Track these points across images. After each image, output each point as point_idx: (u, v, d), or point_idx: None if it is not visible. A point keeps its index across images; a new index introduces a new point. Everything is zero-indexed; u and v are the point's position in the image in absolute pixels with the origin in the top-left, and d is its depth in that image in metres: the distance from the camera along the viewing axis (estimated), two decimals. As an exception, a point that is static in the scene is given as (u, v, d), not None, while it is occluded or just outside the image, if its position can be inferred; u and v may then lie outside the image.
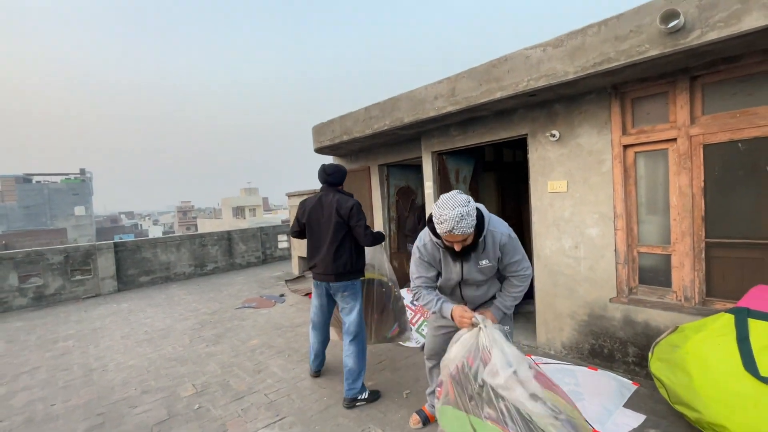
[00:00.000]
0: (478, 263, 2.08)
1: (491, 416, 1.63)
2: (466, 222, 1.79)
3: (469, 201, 1.86)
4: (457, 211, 1.78)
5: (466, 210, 1.79)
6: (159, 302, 6.62)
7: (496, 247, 2.05)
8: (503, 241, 2.04)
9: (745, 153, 2.62)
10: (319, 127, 5.77)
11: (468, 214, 1.80)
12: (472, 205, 1.85)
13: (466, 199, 1.86)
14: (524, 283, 2.15)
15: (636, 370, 3.07)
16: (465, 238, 1.87)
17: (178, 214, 71.77)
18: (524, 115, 3.66)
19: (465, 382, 1.76)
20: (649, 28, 2.43)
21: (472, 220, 1.82)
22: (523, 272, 2.13)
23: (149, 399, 3.20)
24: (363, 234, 2.89)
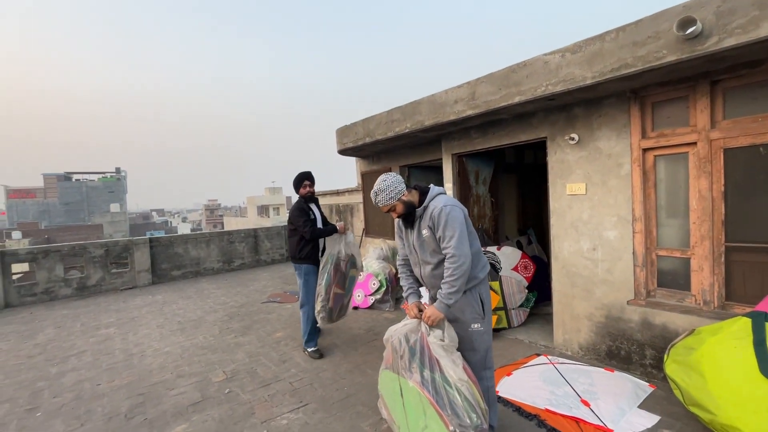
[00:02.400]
0: (420, 233, 2.22)
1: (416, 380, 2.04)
2: (380, 197, 2.19)
3: (386, 180, 2.19)
4: (373, 188, 2.21)
5: (379, 187, 2.19)
6: (190, 295, 6.99)
7: (433, 218, 2.14)
8: (436, 213, 2.12)
9: (766, 157, 2.61)
10: (343, 129, 5.96)
11: (380, 191, 2.18)
12: (387, 183, 2.18)
13: (384, 179, 2.20)
14: (452, 265, 2.04)
15: (653, 373, 3.08)
16: (389, 208, 2.22)
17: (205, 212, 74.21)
18: (543, 119, 3.72)
19: (401, 352, 2.16)
20: (667, 34, 2.47)
21: (385, 195, 2.17)
22: (450, 250, 2.05)
23: (184, 383, 3.46)
24: (302, 230, 3.81)
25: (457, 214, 2.12)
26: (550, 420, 2.56)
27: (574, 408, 2.65)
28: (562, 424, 2.50)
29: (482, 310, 2.20)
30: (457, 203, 2.21)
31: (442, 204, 2.14)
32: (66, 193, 73.38)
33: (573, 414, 2.58)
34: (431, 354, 2.07)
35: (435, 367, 2.00)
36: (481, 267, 2.24)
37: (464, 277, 2.07)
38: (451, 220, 2.09)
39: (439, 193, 2.25)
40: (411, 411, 2.07)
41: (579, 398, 2.76)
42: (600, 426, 2.46)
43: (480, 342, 2.22)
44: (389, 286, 5.48)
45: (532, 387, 2.95)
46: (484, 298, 2.23)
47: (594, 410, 2.61)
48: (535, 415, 2.62)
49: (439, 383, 1.96)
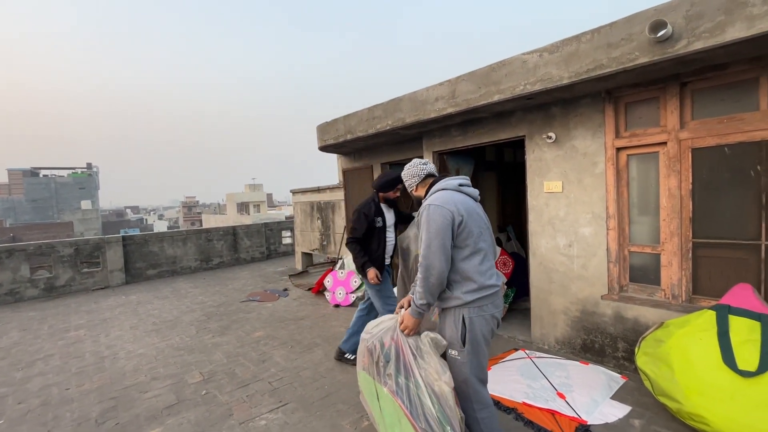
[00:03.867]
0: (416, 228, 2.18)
1: (390, 387, 2.00)
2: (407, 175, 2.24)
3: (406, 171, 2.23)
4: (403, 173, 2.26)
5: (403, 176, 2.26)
6: (166, 294, 6.80)
7: (420, 215, 1.99)
8: (421, 210, 1.98)
9: (731, 157, 2.72)
10: (324, 126, 5.90)
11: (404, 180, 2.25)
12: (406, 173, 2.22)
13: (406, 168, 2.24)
14: (420, 271, 1.86)
15: (625, 365, 3.19)
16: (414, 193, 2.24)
17: (182, 209, 72.28)
18: (522, 117, 3.77)
19: (376, 355, 2.11)
20: (640, 36, 2.54)
21: (406, 187, 2.26)
22: (420, 258, 1.88)
23: (159, 385, 3.36)
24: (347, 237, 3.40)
25: (438, 215, 1.84)
26: (527, 413, 2.61)
27: (550, 401, 2.71)
28: (539, 417, 2.56)
29: (461, 339, 1.87)
30: (449, 202, 1.89)
31: (429, 201, 1.94)
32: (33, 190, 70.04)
33: (549, 407, 2.64)
34: (406, 360, 1.98)
35: (410, 374, 1.93)
36: (472, 290, 1.86)
37: (432, 290, 1.85)
38: (428, 222, 1.86)
39: (441, 189, 2.01)
40: (387, 417, 2.04)
41: (555, 391, 2.83)
42: (574, 417, 2.53)
43: (456, 371, 1.91)
44: (371, 283, 5.47)
45: (511, 381, 3.00)
46: (469, 325, 1.87)
47: (569, 402, 2.68)
48: (513, 408, 2.67)
49: (413, 392, 1.90)
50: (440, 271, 1.82)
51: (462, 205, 1.91)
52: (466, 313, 1.88)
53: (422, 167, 2.18)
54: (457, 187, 2.01)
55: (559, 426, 2.46)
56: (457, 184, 2.02)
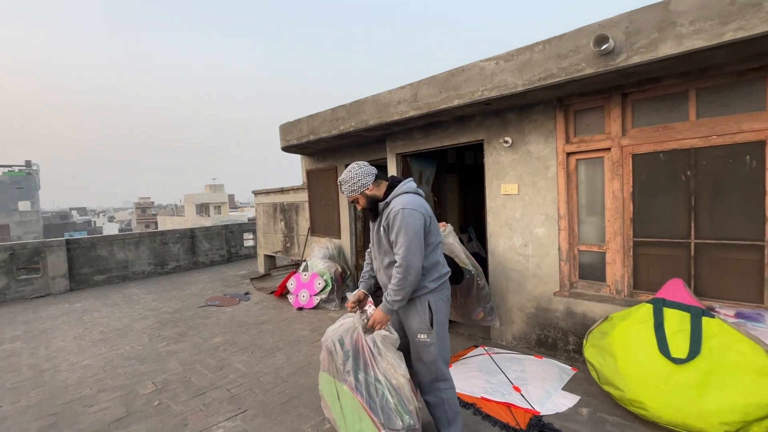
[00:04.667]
0: (379, 230, 2.16)
1: (350, 384, 2.05)
2: (344, 187, 2.20)
3: (352, 170, 2.18)
4: (341, 176, 2.21)
5: (344, 177, 2.19)
6: (116, 301, 6.40)
7: (389, 219, 2.05)
8: (392, 214, 2.03)
9: (665, 162, 2.97)
10: (287, 125, 5.81)
11: (345, 181, 2.18)
12: (352, 174, 2.17)
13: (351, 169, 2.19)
14: (399, 273, 1.97)
15: (575, 357, 3.38)
16: (353, 199, 2.23)
17: (136, 210, 68.13)
18: (481, 122, 3.91)
19: (335, 355, 2.15)
20: (585, 49, 2.71)
21: (348, 186, 2.18)
22: (398, 259, 1.98)
23: (106, 397, 3.16)
24: None
25: (414, 219, 1.98)
26: (485, 407, 2.70)
27: (506, 394, 2.82)
28: (496, 411, 2.66)
29: (429, 321, 2.07)
30: (419, 206, 2.05)
31: (401, 206, 2.01)
32: (-39, 189, 63.29)
33: (505, 400, 2.75)
34: (366, 356, 2.07)
35: (369, 369, 2.00)
36: (435, 279, 2.11)
37: (408, 287, 1.99)
38: (405, 226, 1.97)
39: (404, 192, 2.12)
40: (348, 414, 2.08)
41: (511, 385, 2.95)
42: (528, 409, 2.65)
43: (426, 353, 2.09)
44: (334, 285, 5.45)
45: (470, 377, 3.10)
46: (435, 309, 2.09)
47: (524, 395, 2.81)
48: (471, 403, 2.76)
49: (372, 386, 1.97)
50: (418, 270, 2.00)
51: (426, 207, 2.13)
52: (431, 298, 2.10)
53: (370, 167, 2.22)
54: (416, 189, 2.20)
55: (515, 418, 2.57)
56: (415, 187, 2.21)
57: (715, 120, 2.76)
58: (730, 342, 2.34)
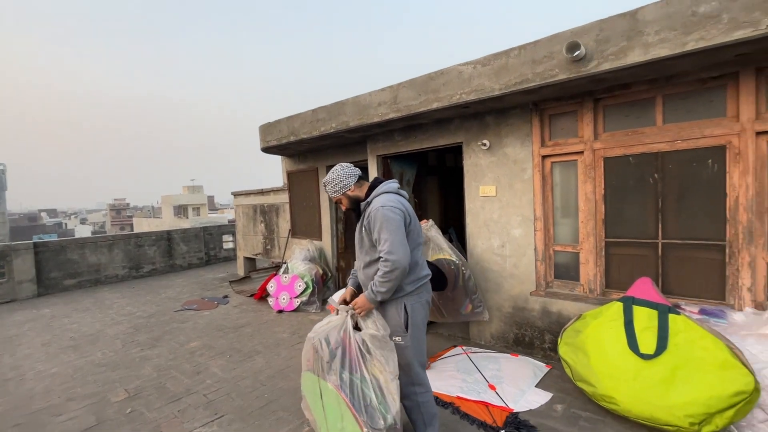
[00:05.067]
0: (361, 229, 2.17)
1: (334, 382, 2.05)
2: (327, 188, 2.25)
3: (335, 171, 2.21)
4: (325, 177, 2.25)
5: (327, 179, 2.23)
6: (87, 306, 6.17)
7: (370, 218, 2.07)
8: (373, 213, 2.04)
9: (634, 166, 3.09)
10: (266, 126, 5.74)
11: (328, 182, 2.23)
12: (335, 175, 2.20)
13: (335, 170, 2.22)
14: (385, 267, 1.96)
15: (551, 355, 3.46)
16: (336, 200, 2.28)
17: (110, 212, 65.85)
18: (460, 125, 3.97)
19: (321, 353, 2.14)
20: (559, 55, 2.80)
21: (331, 188, 2.23)
22: (383, 254, 1.97)
23: (75, 406, 3.05)
24: None
25: (393, 215, 1.99)
26: (463, 406, 2.74)
27: (482, 393, 2.87)
28: (474, 409, 2.70)
29: (405, 324, 2.07)
30: (399, 204, 2.06)
31: (380, 204, 2.03)
32: None
33: (481, 398, 2.80)
34: (352, 354, 2.07)
35: (355, 368, 2.01)
36: (412, 281, 2.10)
37: (395, 281, 1.98)
38: (387, 222, 1.98)
39: (385, 191, 2.13)
40: (330, 413, 2.07)
41: (487, 383, 3.00)
42: (503, 407, 2.70)
43: (399, 356, 2.07)
44: (315, 287, 5.41)
45: (448, 377, 3.13)
46: (411, 312, 2.08)
47: (499, 393, 2.86)
48: (450, 403, 2.78)
49: (357, 385, 1.97)
50: (405, 263, 1.98)
51: (407, 206, 2.14)
52: (408, 301, 2.10)
53: (353, 168, 2.24)
54: (397, 190, 2.20)
55: (492, 416, 2.61)
56: (396, 188, 2.21)
57: (680, 125, 2.89)
58: (694, 338, 2.44)
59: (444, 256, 3.68)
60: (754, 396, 2.23)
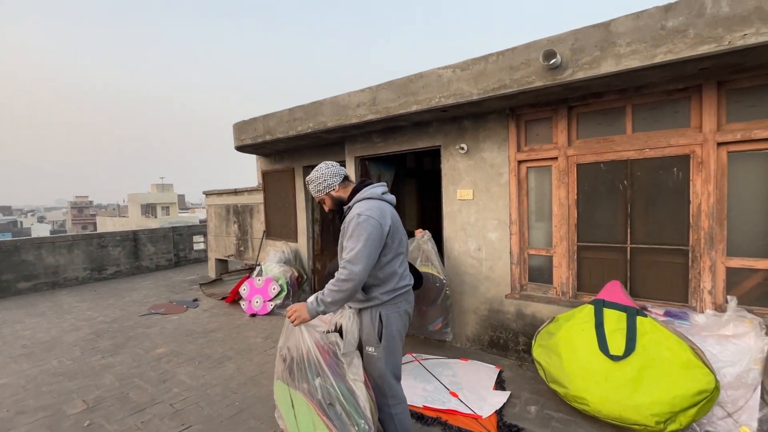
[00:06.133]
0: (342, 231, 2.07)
1: (304, 390, 2.00)
2: (310, 186, 2.15)
3: (319, 170, 2.12)
4: (310, 175, 2.15)
5: (311, 177, 2.14)
6: (42, 311, 5.79)
7: (345, 223, 1.99)
8: (350, 218, 1.96)
9: (605, 172, 3.19)
10: (241, 124, 5.58)
11: (311, 180, 2.13)
12: (319, 174, 2.11)
13: (318, 168, 2.13)
14: (341, 274, 1.85)
15: (525, 357, 3.52)
16: (319, 199, 2.19)
17: (71, 210, 62.36)
18: (438, 128, 3.98)
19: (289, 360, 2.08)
20: (535, 62, 2.85)
21: (314, 186, 2.13)
22: (343, 262, 1.87)
23: (26, 420, 2.83)
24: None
25: (369, 226, 1.87)
26: (451, 420, 2.63)
27: (446, 401, 2.84)
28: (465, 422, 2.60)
29: (378, 335, 1.99)
30: (378, 214, 1.92)
31: (358, 211, 1.93)
32: None
33: (447, 407, 2.76)
34: (323, 362, 2.01)
35: (326, 376, 1.95)
36: (388, 291, 2.00)
37: (344, 294, 1.85)
38: (359, 231, 1.87)
39: (366, 197, 2.03)
40: (302, 422, 2.01)
41: (447, 390, 2.98)
42: (470, 414, 2.69)
43: (372, 368, 2.03)
44: (290, 290, 5.29)
45: (407, 386, 2.97)
46: (386, 322, 1.99)
47: (462, 400, 2.85)
48: (417, 413, 2.71)
49: (327, 392, 1.92)
50: (361, 279, 1.85)
51: (389, 214, 2.02)
52: (383, 310, 2.01)
53: (339, 168, 2.14)
54: (381, 196, 2.09)
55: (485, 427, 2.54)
56: (380, 193, 2.10)
57: (648, 134, 3.00)
58: (660, 339, 2.54)
59: (431, 270, 3.64)
60: (714, 394, 2.33)
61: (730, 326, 2.54)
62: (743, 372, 2.39)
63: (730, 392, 2.40)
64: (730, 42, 2.22)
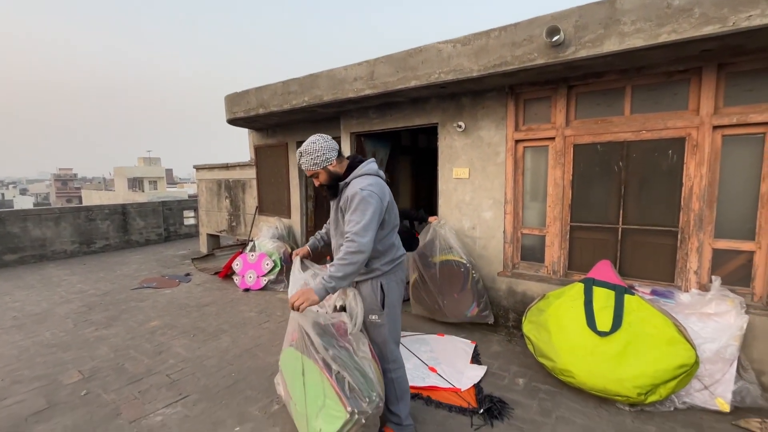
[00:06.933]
0: (337, 209, 2.11)
1: (319, 360, 1.98)
2: (304, 159, 2.04)
3: (315, 143, 2.03)
4: (301, 147, 2.06)
5: (306, 149, 2.04)
6: (31, 284, 5.73)
7: (347, 198, 2.00)
8: (352, 193, 1.97)
9: (601, 153, 3.21)
10: (233, 96, 5.43)
11: (306, 153, 2.03)
12: (316, 147, 2.02)
13: (314, 141, 2.04)
14: (347, 247, 1.89)
15: (514, 332, 3.63)
16: (312, 173, 2.09)
17: (55, 183, 60.79)
18: (436, 105, 3.93)
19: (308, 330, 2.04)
20: (538, 39, 2.80)
21: (309, 159, 2.02)
22: (349, 235, 1.90)
23: (22, 389, 2.85)
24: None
25: (373, 200, 1.93)
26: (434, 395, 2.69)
27: (426, 377, 2.90)
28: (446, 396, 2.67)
29: (381, 304, 2.08)
30: (379, 189, 1.99)
31: (360, 187, 1.95)
32: None
33: (427, 383, 2.82)
34: (338, 334, 2.04)
35: (340, 348, 1.98)
36: (388, 261, 2.09)
37: (354, 266, 1.88)
38: (363, 206, 1.91)
39: (365, 173, 2.05)
40: (311, 389, 2.03)
41: (426, 366, 3.05)
42: (450, 388, 2.76)
43: (375, 334, 2.12)
44: (284, 266, 5.31)
45: None
46: (387, 291, 2.09)
47: (441, 375, 2.92)
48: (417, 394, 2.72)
49: (341, 364, 1.94)
50: (370, 250, 1.92)
51: (386, 189, 2.09)
52: (384, 280, 2.10)
53: (333, 142, 2.11)
54: (377, 171, 2.14)
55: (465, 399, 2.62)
56: (376, 169, 2.15)
57: (646, 116, 3.01)
58: (646, 316, 2.63)
59: (453, 257, 3.63)
60: (693, 368, 2.45)
61: (712, 305, 2.64)
62: (722, 348, 2.51)
63: (709, 366, 2.52)
64: (735, 23, 2.21)
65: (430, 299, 3.81)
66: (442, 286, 3.69)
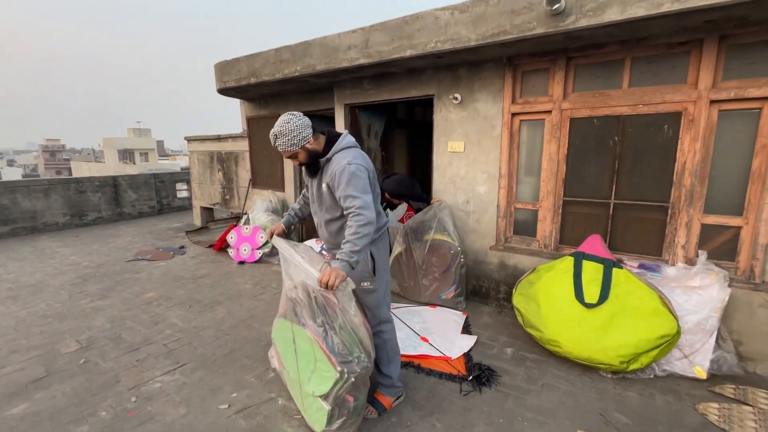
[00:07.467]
0: (320, 187, 2.12)
1: (309, 326, 2.04)
2: (279, 141, 1.99)
3: (289, 122, 1.97)
4: (273, 129, 2.00)
5: (280, 130, 1.98)
6: (24, 255, 5.71)
7: (333, 175, 2.01)
8: (338, 170, 1.98)
9: (598, 127, 3.18)
10: (223, 65, 5.25)
11: (281, 134, 1.97)
12: (290, 127, 1.96)
13: (287, 120, 1.98)
14: (356, 221, 1.92)
15: (504, 304, 3.71)
16: (290, 154, 2.06)
17: (43, 154, 59.39)
18: (432, 76, 3.84)
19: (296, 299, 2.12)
20: (538, 7, 2.70)
21: (285, 141, 1.98)
22: (353, 210, 1.94)
23: (20, 358, 2.89)
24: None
25: (360, 173, 1.98)
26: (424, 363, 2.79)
27: (417, 346, 3.00)
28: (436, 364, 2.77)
29: (372, 269, 2.15)
30: (363, 160, 2.05)
31: (346, 161, 1.98)
32: None
33: (419, 352, 2.92)
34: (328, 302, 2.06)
35: (329, 314, 2.02)
36: (376, 229, 2.12)
37: (368, 238, 1.94)
38: (355, 180, 1.95)
39: (346, 147, 2.07)
40: (302, 355, 2.10)
41: (419, 336, 3.14)
42: (441, 357, 2.86)
43: (369, 300, 2.19)
44: (278, 239, 5.32)
45: None
46: (377, 257, 2.17)
47: (432, 344, 3.02)
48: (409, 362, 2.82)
49: (331, 327, 2.00)
50: (374, 220, 1.97)
51: (367, 159, 2.14)
52: (373, 248, 2.15)
53: (306, 118, 2.07)
54: (355, 143, 2.17)
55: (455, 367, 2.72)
56: (354, 141, 2.18)
57: (644, 90, 2.96)
58: (632, 289, 2.70)
59: (445, 238, 3.66)
60: (675, 338, 2.54)
61: (697, 278, 2.71)
62: (703, 319, 2.60)
63: (689, 337, 2.61)
64: (740, -8, 2.14)
65: (409, 275, 3.89)
66: (428, 263, 3.75)
